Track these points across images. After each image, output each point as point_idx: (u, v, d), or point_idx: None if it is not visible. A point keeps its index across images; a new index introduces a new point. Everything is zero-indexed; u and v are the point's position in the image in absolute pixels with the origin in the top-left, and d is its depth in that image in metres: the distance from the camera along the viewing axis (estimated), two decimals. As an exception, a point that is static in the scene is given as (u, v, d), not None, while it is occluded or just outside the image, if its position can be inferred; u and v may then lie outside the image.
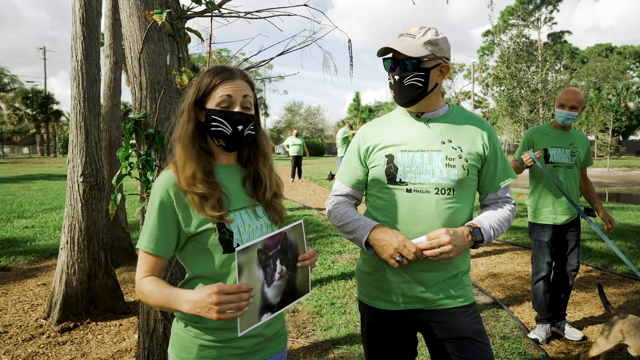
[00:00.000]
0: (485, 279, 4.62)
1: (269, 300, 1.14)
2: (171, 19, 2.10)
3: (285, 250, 1.18)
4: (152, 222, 1.20)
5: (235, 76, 1.25)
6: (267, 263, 1.13)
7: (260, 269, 1.11)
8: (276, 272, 1.15)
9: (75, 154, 3.63)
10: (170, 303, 1.13)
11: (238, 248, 1.06)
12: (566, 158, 3.09)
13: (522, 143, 3.24)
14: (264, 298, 1.13)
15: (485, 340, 1.49)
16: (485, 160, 1.52)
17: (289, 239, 1.19)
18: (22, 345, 3.16)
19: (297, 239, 1.21)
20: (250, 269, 1.09)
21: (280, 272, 1.16)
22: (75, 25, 3.67)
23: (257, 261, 1.10)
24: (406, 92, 1.48)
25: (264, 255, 1.12)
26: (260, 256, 1.11)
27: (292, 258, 1.20)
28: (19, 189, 12.69)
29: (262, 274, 1.12)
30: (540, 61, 11.69)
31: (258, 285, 1.11)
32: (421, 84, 1.46)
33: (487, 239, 1.47)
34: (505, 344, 3.09)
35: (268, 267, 1.13)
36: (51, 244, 6.05)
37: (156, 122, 2.11)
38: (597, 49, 49.14)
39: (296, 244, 1.21)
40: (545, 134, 3.15)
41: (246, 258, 1.08)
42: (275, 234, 1.15)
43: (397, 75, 1.47)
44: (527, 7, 39.64)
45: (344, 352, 2.99)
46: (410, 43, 1.44)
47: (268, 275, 1.13)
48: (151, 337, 2.18)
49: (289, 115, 49.48)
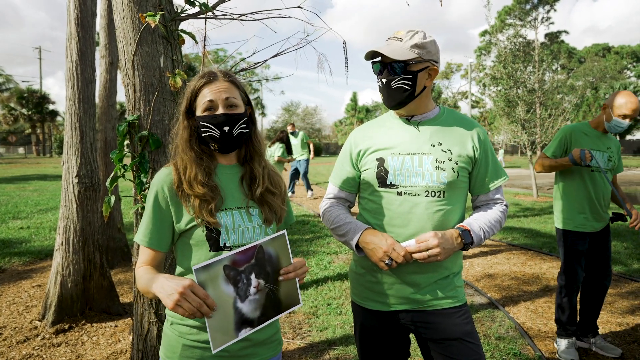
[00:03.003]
0: (481, 280, 4.63)
1: (246, 315, 1.11)
2: (165, 21, 2.10)
3: (262, 263, 1.14)
4: (147, 217, 1.26)
5: (216, 78, 1.27)
6: (237, 278, 1.09)
7: (230, 285, 1.08)
8: (251, 287, 1.11)
9: (70, 155, 3.62)
10: (149, 285, 1.15)
11: (195, 266, 1.04)
12: (603, 162, 2.85)
13: (559, 140, 2.91)
14: (238, 313, 1.10)
15: (476, 341, 1.49)
16: (475, 162, 1.52)
17: (266, 251, 1.15)
18: (16, 347, 3.15)
19: (279, 251, 1.17)
20: (215, 285, 1.06)
21: (256, 287, 1.12)
22: (70, 26, 3.66)
23: (223, 277, 1.07)
24: (394, 95, 1.49)
25: (232, 270, 1.09)
26: (227, 272, 1.08)
27: (272, 271, 1.16)
28: (14, 190, 12.64)
29: (232, 290, 1.09)
30: (537, 61, 11.71)
31: (229, 300, 1.08)
32: (408, 87, 1.47)
33: (477, 241, 1.48)
34: (500, 344, 3.10)
35: (240, 283, 1.10)
36: (46, 245, 6.03)
37: (150, 124, 2.11)
38: (595, 49, 49.30)
39: (277, 255, 1.17)
40: (584, 134, 2.88)
41: (208, 275, 1.05)
42: (248, 248, 1.11)
43: (384, 79, 1.48)
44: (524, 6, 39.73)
45: (340, 353, 3.00)
46: (397, 46, 1.45)
47: (241, 290, 1.10)
48: (145, 339, 2.18)
49: (286, 115, 49.48)
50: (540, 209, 9.29)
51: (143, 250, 1.27)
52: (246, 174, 1.33)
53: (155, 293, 1.12)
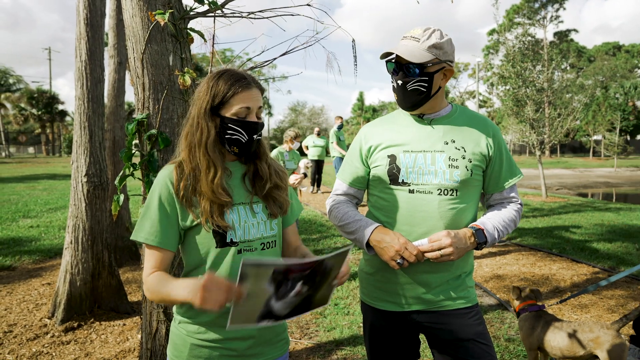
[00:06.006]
0: (490, 280, 4.58)
1: (274, 311, 1.08)
2: (174, 19, 2.10)
3: (315, 274, 1.08)
4: (153, 215, 1.21)
5: (251, 85, 1.26)
6: (282, 282, 1.04)
7: (272, 285, 1.03)
8: (293, 291, 1.06)
9: (79, 154, 3.64)
10: (169, 292, 1.13)
11: (246, 260, 0.98)
12: None
13: None
14: (267, 307, 1.07)
15: (488, 342, 1.47)
16: (490, 160, 1.50)
17: (325, 265, 1.08)
18: (26, 344, 3.17)
19: (335, 264, 1.11)
20: (257, 282, 1.01)
21: (298, 292, 1.07)
22: (80, 26, 3.68)
23: (268, 278, 1.02)
24: (409, 97, 1.46)
25: (281, 275, 1.03)
26: (275, 275, 1.02)
27: (320, 280, 1.11)
28: (24, 189, 12.79)
29: (272, 289, 1.04)
30: (546, 60, 11.58)
31: (263, 296, 1.04)
32: (424, 89, 1.44)
33: (491, 241, 1.46)
34: (510, 346, 3.06)
35: (282, 286, 1.04)
36: (56, 244, 6.08)
37: (159, 123, 2.11)
38: (605, 48, 48.73)
39: (332, 267, 1.11)
40: None
41: (255, 272, 1.00)
42: (309, 262, 1.04)
43: (400, 80, 1.45)
44: (532, 5, 39.39)
45: (348, 353, 2.98)
46: (415, 47, 1.42)
47: (281, 292, 1.05)
48: (154, 338, 2.18)
49: (292, 115, 49.52)
50: (549, 210, 9.19)
51: (151, 253, 1.22)
52: (249, 172, 1.33)
53: (177, 299, 1.10)
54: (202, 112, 1.25)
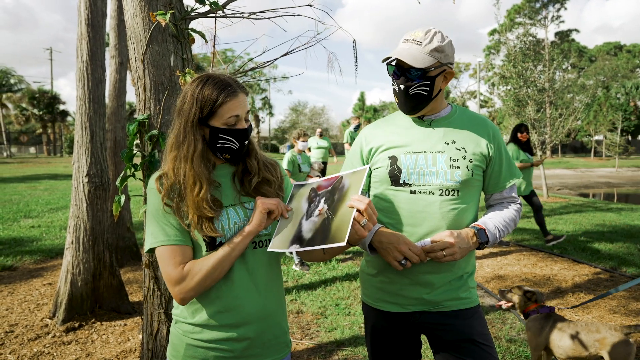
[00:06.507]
0: (491, 281, 4.58)
1: (302, 233, 1.20)
2: (175, 20, 2.09)
3: (334, 191, 1.23)
4: (158, 220, 1.20)
5: (238, 92, 1.23)
6: (313, 199, 1.24)
7: (307, 203, 1.25)
8: (317, 209, 1.22)
9: (80, 154, 3.65)
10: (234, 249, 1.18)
11: (295, 183, 1.29)
12: None
13: None
14: (299, 228, 1.20)
15: (489, 342, 1.47)
16: (490, 160, 1.50)
17: (343, 182, 1.24)
18: (27, 344, 3.17)
19: (352, 183, 1.21)
20: (299, 200, 1.27)
21: (320, 210, 1.21)
22: (81, 26, 3.69)
23: (306, 196, 1.26)
24: (411, 101, 1.46)
25: (314, 192, 1.26)
26: (311, 193, 1.26)
27: (337, 200, 1.21)
28: (25, 189, 12.81)
29: (306, 207, 1.24)
30: (548, 60, 11.57)
31: (299, 215, 1.23)
32: (426, 92, 1.44)
33: (493, 240, 1.46)
34: (511, 346, 3.06)
35: (312, 203, 1.24)
36: (57, 244, 6.08)
37: (160, 123, 2.10)
38: (606, 48, 48.67)
39: (349, 187, 1.21)
40: None
41: (299, 191, 1.29)
42: (332, 177, 1.27)
43: (402, 85, 1.45)
44: (534, 5, 39.35)
45: (349, 354, 2.98)
46: (417, 52, 1.41)
47: (310, 209, 1.23)
48: (155, 339, 2.18)
49: (293, 115, 49.52)
50: (550, 210, 9.18)
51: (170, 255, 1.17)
52: (238, 171, 1.31)
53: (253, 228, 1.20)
54: (190, 124, 1.20)
